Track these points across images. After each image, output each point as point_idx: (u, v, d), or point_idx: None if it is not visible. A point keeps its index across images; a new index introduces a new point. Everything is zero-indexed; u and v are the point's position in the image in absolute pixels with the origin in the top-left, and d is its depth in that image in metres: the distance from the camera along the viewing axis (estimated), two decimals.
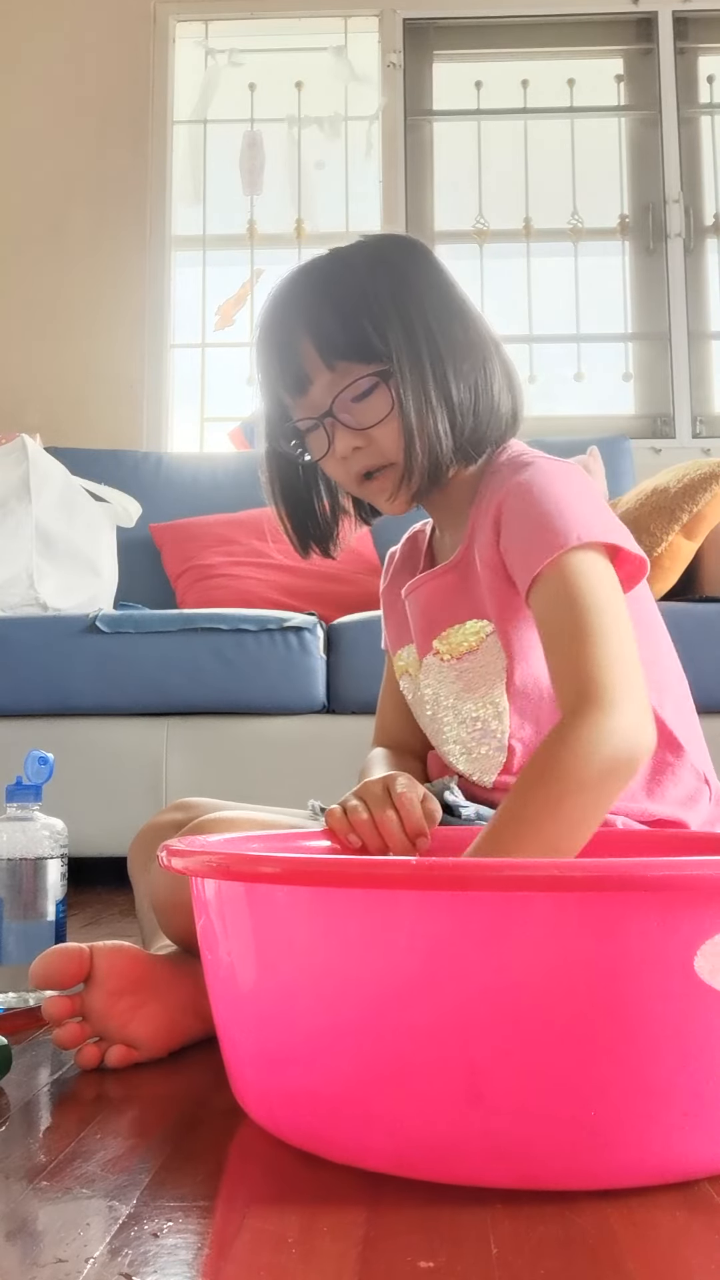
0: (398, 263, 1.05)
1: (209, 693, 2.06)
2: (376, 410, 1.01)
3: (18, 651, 2.06)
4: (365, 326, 1.00)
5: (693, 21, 3.24)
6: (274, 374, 1.05)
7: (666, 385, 3.12)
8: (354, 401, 1.01)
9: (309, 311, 1.02)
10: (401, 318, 1.01)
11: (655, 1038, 0.64)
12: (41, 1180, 0.70)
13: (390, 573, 1.23)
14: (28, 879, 1.14)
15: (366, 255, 1.05)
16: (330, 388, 1.01)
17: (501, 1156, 0.65)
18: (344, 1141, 0.69)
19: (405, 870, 0.65)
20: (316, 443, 1.05)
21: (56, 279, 3.15)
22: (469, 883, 0.64)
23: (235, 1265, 0.58)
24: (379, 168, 3.22)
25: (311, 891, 0.68)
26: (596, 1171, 0.65)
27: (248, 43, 3.29)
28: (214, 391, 3.22)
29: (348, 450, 1.03)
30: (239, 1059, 0.77)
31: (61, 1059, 0.96)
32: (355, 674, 2.07)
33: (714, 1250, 0.60)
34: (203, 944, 0.79)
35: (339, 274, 1.03)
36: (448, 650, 1.07)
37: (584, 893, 0.63)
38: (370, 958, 0.66)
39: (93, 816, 1.95)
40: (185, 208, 3.26)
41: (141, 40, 3.22)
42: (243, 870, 0.71)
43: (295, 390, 1.03)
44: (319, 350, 1.01)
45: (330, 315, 1.01)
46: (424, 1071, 0.65)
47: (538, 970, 0.64)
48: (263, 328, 1.06)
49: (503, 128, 3.27)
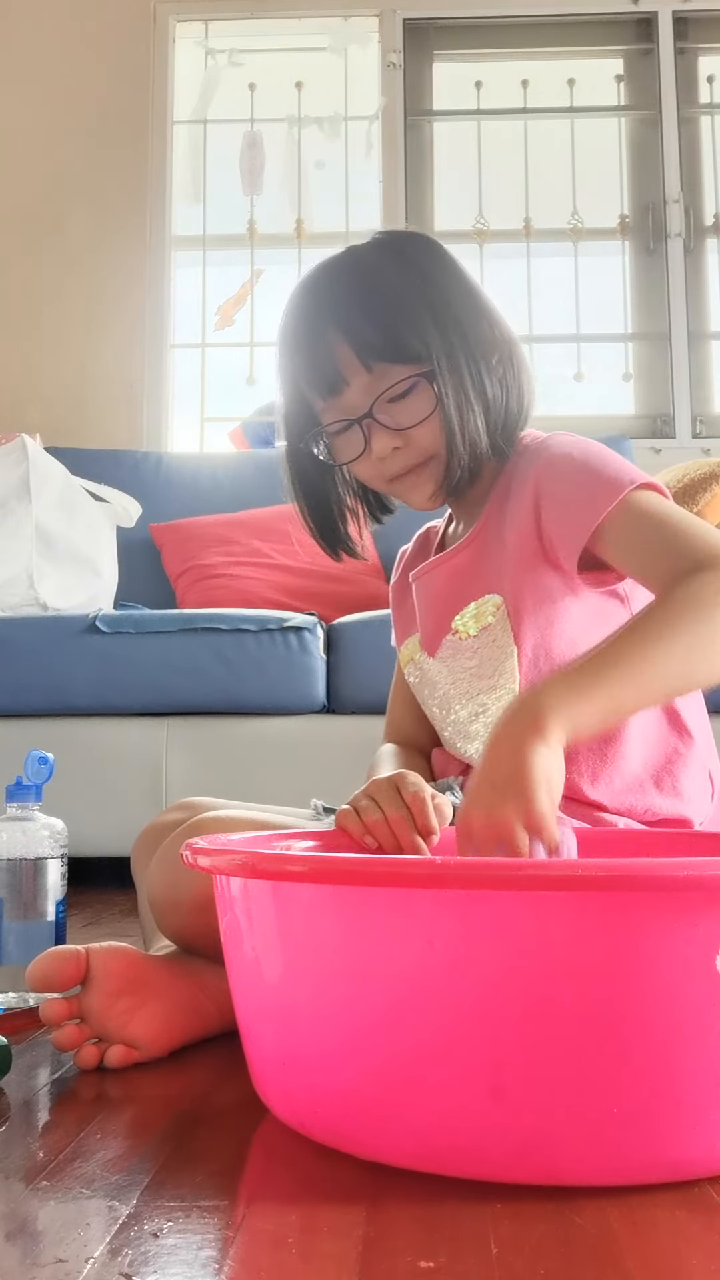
0: (420, 261, 1.05)
1: (209, 693, 2.06)
2: (418, 410, 1.01)
3: (18, 651, 2.06)
4: (402, 327, 1.00)
5: (693, 21, 3.24)
6: (303, 376, 1.04)
7: (666, 385, 3.12)
8: (392, 402, 1.01)
9: (341, 313, 1.01)
10: (435, 317, 1.01)
11: (677, 1036, 0.64)
12: (41, 1180, 0.70)
13: (400, 568, 1.24)
14: (28, 879, 1.14)
15: (390, 254, 1.05)
16: (369, 390, 1.01)
17: (524, 1153, 0.65)
18: (368, 1138, 0.70)
19: (431, 869, 0.66)
20: (348, 444, 1.05)
21: (56, 279, 3.15)
22: (493, 882, 0.64)
23: (235, 1265, 0.58)
24: (379, 168, 3.22)
25: (336, 890, 0.69)
26: (618, 1167, 0.66)
27: (248, 43, 3.29)
28: (214, 391, 3.22)
29: (386, 451, 1.03)
30: (262, 1055, 0.77)
31: (61, 1059, 0.96)
32: (355, 674, 2.07)
33: (714, 1250, 0.60)
34: (226, 941, 0.80)
35: (367, 274, 1.03)
36: (465, 628, 1.07)
37: (605, 893, 0.63)
38: (394, 955, 0.67)
39: (93, 816, 1.95)
40: (185, 208, 3.26)
41: (141, 40, 3.22)
42: (269, 869, 0.72)
43: (328, 392, 1.03)
44: (356, 352, 1.00)
45: (364, 317, 1.00)
46: (447, 1069, 0.66)
47: (560, 969, 0.64)
48: (290, 330, 1.05)
49: (503, 128, 3.27)
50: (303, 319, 1.04)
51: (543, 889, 0.64)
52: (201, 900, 0.94)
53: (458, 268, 1.07)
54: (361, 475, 1.08)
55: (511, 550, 1.04)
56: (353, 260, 1.05)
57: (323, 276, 1.05)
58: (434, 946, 0.66)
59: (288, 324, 1.05)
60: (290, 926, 0.72)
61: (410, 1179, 0.68)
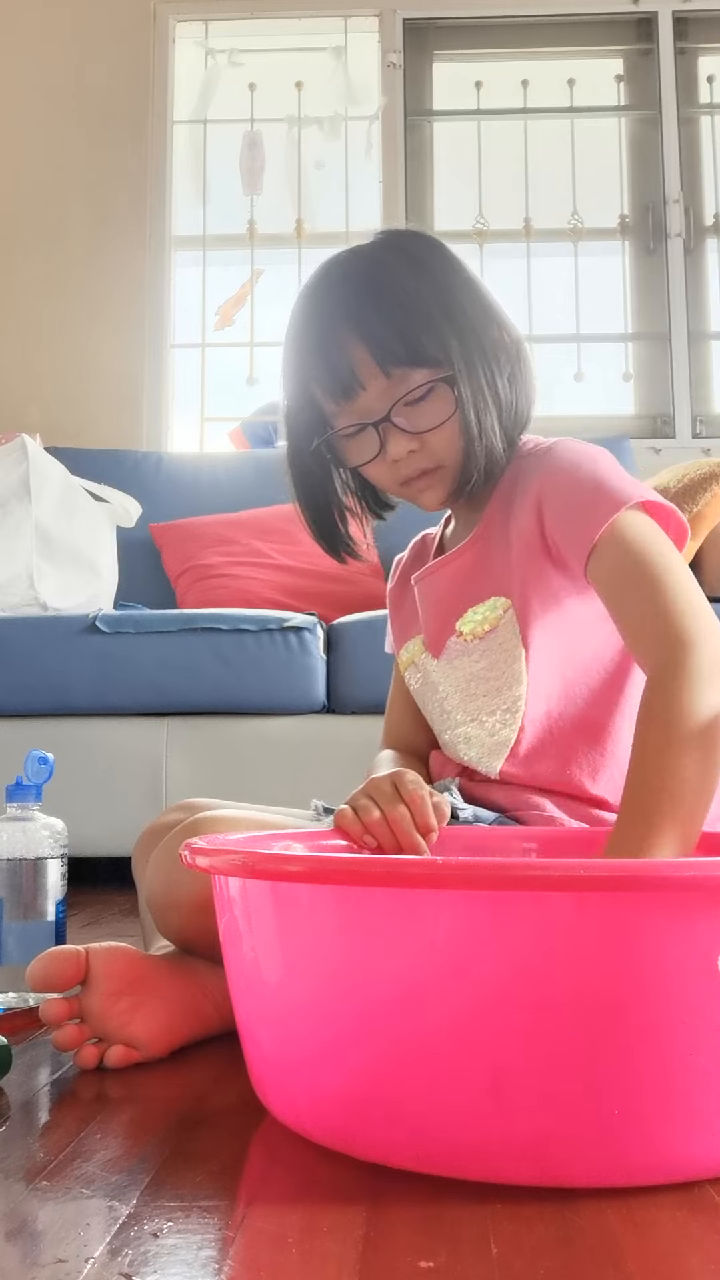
0: (430, 262, 1.04)
1: (209, 693, 2.06)
2: (436, 414, 1.01)
3: (18, 651, 2.06)
4: (420, 333, 1.00)
5: (693, 21, 3.24)
6: (316, 380, 1.03)
7: (666, 385, 3.12)
8: (409, 405, 1.01)
9: (357, 316, 1.00)
10: (450, 321, 1.01)
11: (678, 1037, 0.64)
12: (41, 1180, 0.70)
13: (398, 574, 1.24)
14: (28, 879, 1.14)
15: (399, 255, 1.04)
16: (386, 394, 1.01)
17: (524, 1154, 0.65)
18: (367, 1140, 0.70)
19: (431, 869, 0.66)
20: (361, 447, 1.05)
21: (56, 279, 3.15)
22: (493, 883, 0.64)
23: (235, 1265, 0.58)
24: (379, 168, 3.21)
25: (336, 890, 0.69)
26: (618, 1169, 0.65)
27: (248, 43, 3.29)
28: (214, 391, 3.22)
29: (402, 454, 1.02)
30: (261, 1056, 0.77)
31: (61, 1059, 0.96)
32: (355, 674, 2.07)
33: (714, 1251, 0.60)
34: (225, 942, 0.79)
35: (379, 276, 1.02)
36: (471, 630, 1.07)
37: (605, 893, 0.63)
38: (394, 956, 0.67)
39: (93, 816, 1.95)
40: (185, 208, 3.26)
41: (141, 40, 3.22)
42: (267, 869, 0.72)
43: (342, 396, 1.02)
44: (375, 357, 1.00)
45: (382, 322, 1.00)
46: (447, 1070, 0.66)
47: (559, 970, 0.64)
48: (301, 332, 1.04)
49: (503, 128, 3.27)
50: (315, 322, 1.03)
51: (544, 889, 0.64)
52: (200, 900, 0.94)
53: (464, 268, 1.06)
54: (374, 477, 1.08)
55: (517, 552, 1.04)
56: (363, 261, 1.04)
57: (334, 278, 1.04)
58: (434, 947, 0.66)
59: (299, 326, 1.05)
60: (289, 927, 0.72)
61: (410, 1179, 0.67)
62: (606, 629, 1.02)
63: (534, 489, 1.03)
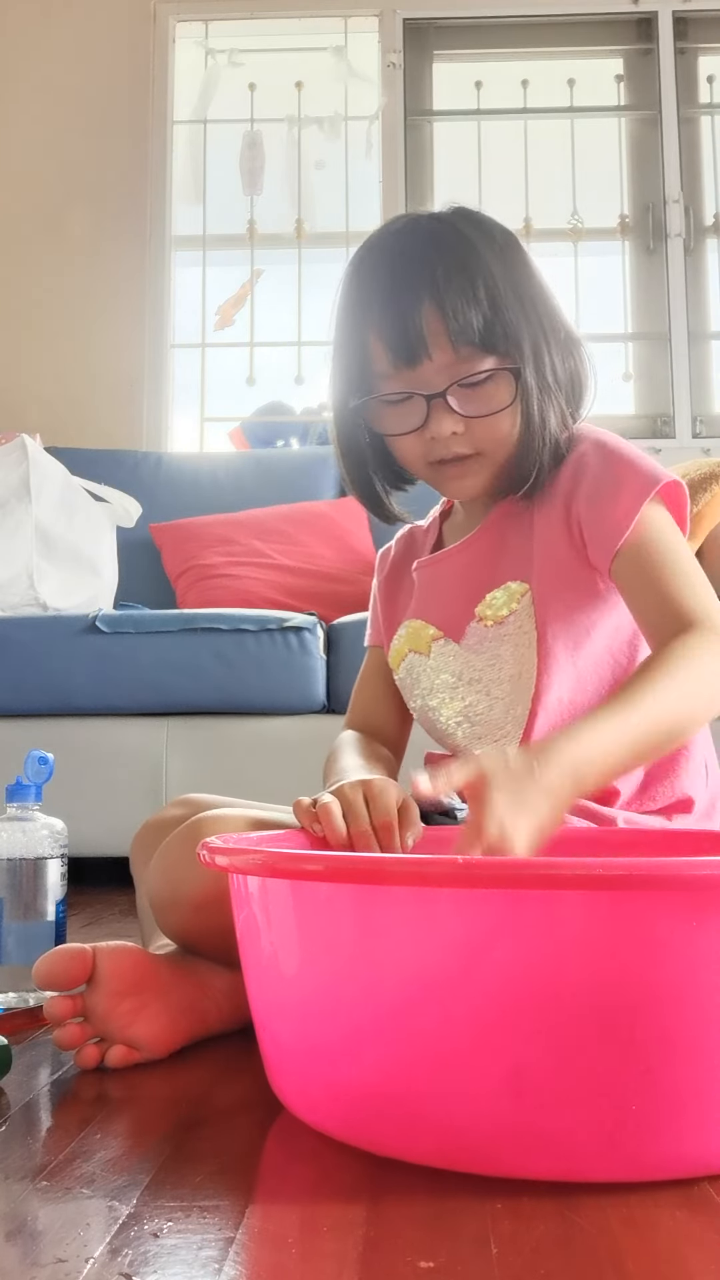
0: (508, 250, 1.02)
1: (209, 693, 2.06)
2: (491, 402, 0.99)
3: (18, 651, 2.06)
4: (499, 319, 0.98)
5: (693, 21, 3.24)
6: (382, 336, 0.99)
7: (666, 385, 3.12)
8: (465, 388, 0.99)
9: (442, 285, 0.97)
10: (525, 311, 1.00)
11: (693, 1034, 0.64)
12: (41, 1180, 0.70)
13: (388, 566, 1.23)
14: (28, 879, 1.14)
15: (483, 235, 1.02)
16: (449, 370, 0.98)
17: (539, 1150, 0.66)
18: (384, 1135, 0.70)
19: (449, 869, 0.66)
20: (403, 416, 1.01)
21: (56, 279, 3.15)
22: (509, 881, 0.65)
23: (235, 1265, 0.58)
24: (379, 168, 3.21)
25: (355, 889, 0.69)
26: (633, 1164, 0.66)
27: (248, 43, 3.29)
28: (214, 391, 3.22)
29: (445, 433, 1.00)
30: (279, 1052, 0.78)
31: (61, 1059, 0.96)
32: (355, 674, 2.06)
33: (714, 1250, 0.60)
34: (242, 937, 0.80)
35: (466, 252, 0.99)
36: (492, 615, 1.06)
37: (619, 892, 0.64)
38: (413, 954, 0.67)
39: (93, 816, 1.95)
40: (185, 207, 3.26)
41: (141, 40, 3.22)
42: (287, 868, 0.72)
43: (405, 361, 0.99)
44: (449, 331, 0.97)
45: (464, 297, 0.97)
46: (467, 1067, 0.66)
47: (575, 967, 0.64)
48: (371, 283, 1.00)
49: (503, 128, 3.27)
50: (392, 279, 0.99)
51: (558, 888, 0.64)
52: (201, 899, 0.94)
53: (535, 263, 1.05)
54: (402, 450, 1.04)
55: (539, 539, 1.04)
56: (450, 232, 1.01)
57: (419, 238, 1.00)
58: (451, 944, 0.66)
59: (369, 276, 1.01)
60: (308, 923, 0.73)
61: (411, 1178, 0.68)
62: (616, 623, 1.02)
63: (562, 477, 1.03)
